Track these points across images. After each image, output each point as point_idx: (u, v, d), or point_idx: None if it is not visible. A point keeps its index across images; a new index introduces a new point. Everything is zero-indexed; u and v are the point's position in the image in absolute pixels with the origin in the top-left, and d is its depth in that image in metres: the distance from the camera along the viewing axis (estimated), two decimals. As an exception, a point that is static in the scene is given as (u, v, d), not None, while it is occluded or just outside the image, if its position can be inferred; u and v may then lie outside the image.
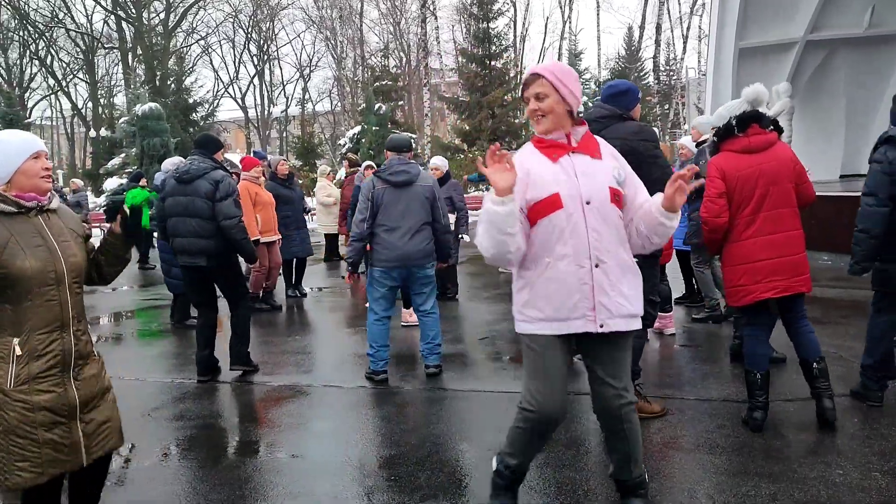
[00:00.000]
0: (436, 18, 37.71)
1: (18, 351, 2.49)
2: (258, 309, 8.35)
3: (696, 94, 33.17)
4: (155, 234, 7.20)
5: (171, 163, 7.93)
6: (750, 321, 4.16)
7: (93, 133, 37.88)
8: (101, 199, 24.75)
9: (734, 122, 4.06)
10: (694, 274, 6.96)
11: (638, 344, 4.31)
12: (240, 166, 10.86)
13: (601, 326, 2.74)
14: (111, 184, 24.30)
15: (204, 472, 3.82)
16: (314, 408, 4.89)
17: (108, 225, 10.08)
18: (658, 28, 39.92)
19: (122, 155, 24.93)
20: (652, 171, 3.99)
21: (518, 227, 2.66)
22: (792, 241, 3.98)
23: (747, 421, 4.12)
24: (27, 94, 45.82)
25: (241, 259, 5.71)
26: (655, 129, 6.39)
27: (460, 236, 8.19)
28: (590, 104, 26.52)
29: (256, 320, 8.06)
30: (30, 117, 37.01)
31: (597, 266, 2.71)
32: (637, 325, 2.86)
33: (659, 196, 2.75)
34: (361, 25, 45.24)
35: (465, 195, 9.16)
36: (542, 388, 2.80)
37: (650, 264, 4.24)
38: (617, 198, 2.77)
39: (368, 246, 5.36)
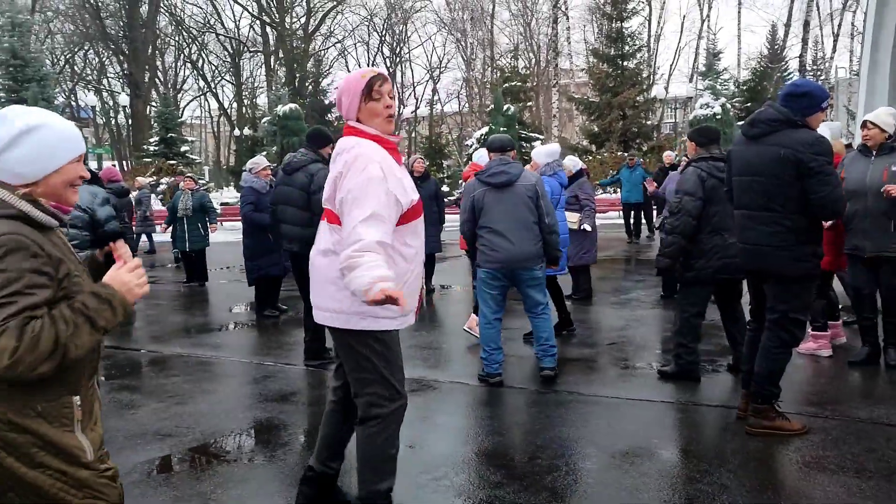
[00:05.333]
0: (567, 19, 37.23)
1: (79, 415, 1.91)
2: None
3: (847, 95, 30.99)
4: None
5: (253, 162, 8.36)
6: None
7: (237, 132, 40.19)
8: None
9: None
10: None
11: (780, 364, 4.10)
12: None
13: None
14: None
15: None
16: (440, 402, 4.98)
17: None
18: (806, 25, 37.54)
19: (263, 153, 26.25)
20: (817, 188, 3.78)
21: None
22: None
23: None
24: (180, 96, 49.20)
25: None
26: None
27: (583, 227, 7.89)
28: (728, 106, 25.40)
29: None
30: (181, 116, 39.70)
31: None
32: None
33: None
34: (492, 27, 45.49)
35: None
36: (402, 377, 2.94)
37: (800, 283, 4.01)
38: None
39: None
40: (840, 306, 6.28)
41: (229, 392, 5.35)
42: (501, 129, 24.45)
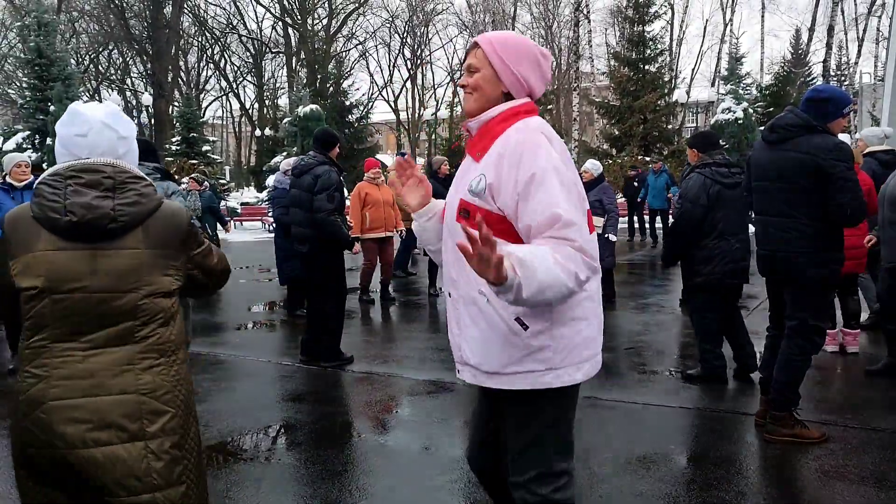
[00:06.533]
0: (589, 22, 37.11)
1: None
2: (363, 301, 9.16)
3: (871, 100, 30.64)
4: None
5: (287, 163, 8.43)
6: None
7: (258, 132, 40.46)
8: (264, 195, 26.42)
9: None
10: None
11: (799, 371, 4.06)
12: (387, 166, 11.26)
13: (458, 373, 2.25)
14: (272, 180, 25.87)
15: (353, 455, 4.01)
16: (456, 404, 4.97)
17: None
18: (830, 30, 37.07)
19: (284, 154, 26.42)
20: (836, 194, 3.75)
21: (440, 244, 2.31)
22: None
23: None
24: (202, 96, 49.60)
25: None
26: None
27: (607, 236, 7.94)
28: (750, 111, 25.17)
29: (402, 316, 8.33)
30: (203, 116, 40.06)
31: (450, 296, 2.24)
32: (493, 384, 2.14)
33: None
34: (513, 29, 45.41)
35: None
36: (470, 434, 2.53)
37: (819, 290, 3.97)
38: (465, 213, 2.11)
39: None
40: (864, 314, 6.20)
41: (247, 391, 5.38)
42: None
